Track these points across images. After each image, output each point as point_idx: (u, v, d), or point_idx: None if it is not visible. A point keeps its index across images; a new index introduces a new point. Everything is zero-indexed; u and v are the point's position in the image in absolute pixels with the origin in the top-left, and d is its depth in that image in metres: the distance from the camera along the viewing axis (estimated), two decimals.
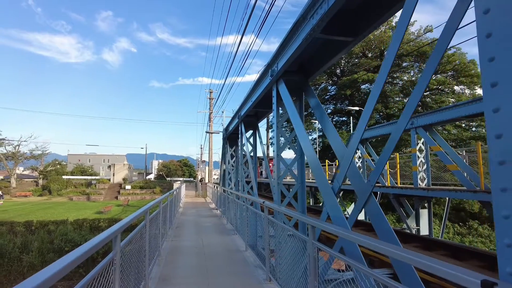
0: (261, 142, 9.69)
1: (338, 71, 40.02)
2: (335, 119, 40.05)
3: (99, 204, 37.09)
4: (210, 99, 29.42)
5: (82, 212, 29.78)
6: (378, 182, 12.75)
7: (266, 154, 10.03)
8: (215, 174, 45.99)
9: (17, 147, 52.62)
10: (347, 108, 27.98)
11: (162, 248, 6.95)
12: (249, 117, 9.75)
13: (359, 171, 3.56)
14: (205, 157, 46.05)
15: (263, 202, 5.29)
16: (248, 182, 12.08)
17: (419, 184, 11.72)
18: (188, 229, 9.95)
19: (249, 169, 9.04)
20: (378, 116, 37.29)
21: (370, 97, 3.18)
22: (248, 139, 10.03)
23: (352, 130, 34.36)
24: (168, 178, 61.51)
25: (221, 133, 16.15)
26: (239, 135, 10.65)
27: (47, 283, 1.39)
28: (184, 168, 73.87)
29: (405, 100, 36.63)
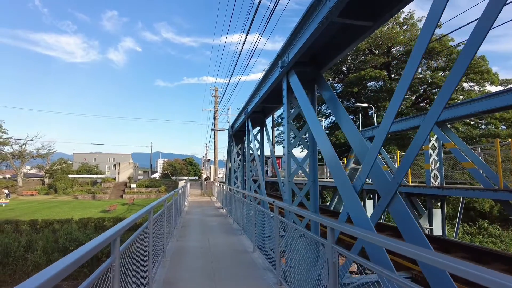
0: (269, 139, 9.37)
1: (345, 69, 39.49)
2: None
3: (104, 203, 37.10)
4: (215, 97, 29.17)
5: (87, 211, 29.77)
6: None
7: (273, 152, 9.74)
8: (220, 173, 45.87)
9: (24, 146, 53.04)
10: (356, 105, 27.47)
11: (167, 249, 6.72)
12: (256, 113, 9.45)
13: (381, 168, 3.23)
14: (210, 156, 45.91)
15: (274, 201, 4.97)
16: (255, 181, 11.79)
17: (432, 183, 11.32)
18: (194, 229, 9.71)
19: (257, 167, 8.73)
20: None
21: (400, 86, 2.86)
22: (255, 136, 9.72)
23: (361, 127, 33.92)
24: (173, 177, 61.49)
25: (227, 131, 15.87)
26: (246, 132, 10.35)
27: None
28: (189, 167, 73.82)
29: (413, 98, 36.03)
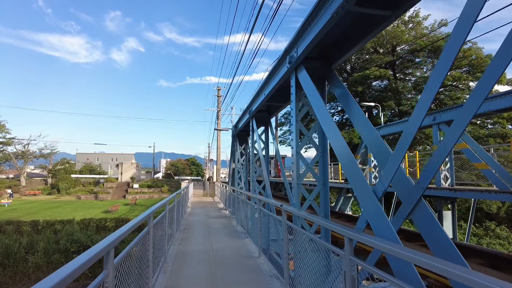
0: (274, 139, 9.06)
1: (349, 68, 39.08)
2: (345, 117, 39.11)
3: (107, 203, 36.95)
4: (218, 97, 28.90)
5: (90, 211, 29.61)
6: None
7: (278, 152, 9.41)
8: (223, 173, 45.62)
9: (27, 146, 53.06)
10: (362, 104, 27.07)
11: (169, 253, 6.44)
12: (261, 113, 9.15)
13: (404, 171, 2.92)
14: (213, 156, 45.67)
15: (281, 205, 4.67)
16: (259, 182, 11.48)
17: (442, 184, 10.96)
18: (197, 231, 9.44)
19: (262, 167, 8.43)
20: (390, 114, 36.22)
21: (434, 77, 2.56)
22: (260, 136, 9.42)
23: None
24: (176, 177, 61.34)
25: (230, 131, 15.58)
26: (250, 132, 10.06)
27: None
28: (192, 167, 73.65)
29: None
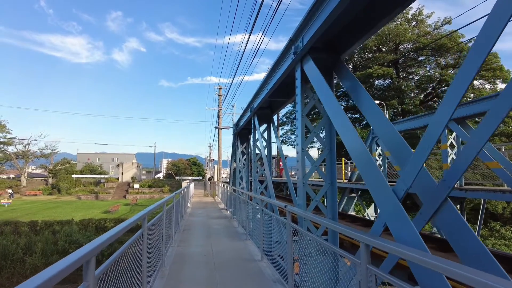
0: (277, 137, 8.73)
1: (351, 66, 38.73)
2: (348, 116, 38.77)
3: (107, 203, 36.70)
4: (219, 96, 28.60)
5: (90, 212, 29.35)
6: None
7: (281, 150, 9.12)
8: (224, 173, 45.33)
9: (27, 146, 52.91)
10: None
11: (167, 256, 6.11)
12: (263, 109, 8.81)
13: (426, 169, 2.59)
14: (214, 156, 45.38)
15: (286, 206, 4.34)
16: (261, 182, 11.15)
17: None
18: (196, 233, 9.13)
19: (265, 166, 8.09)
20: (392, 113, 35.82)
21: (463, 70, 2.24)
22: (262, 134, 9.09)
23: (363, 127, 33.16)
24: (177, 177, 61.08)
25: (231, 129, 15.26)
26: (252, 130, 9.72)
27: None
28: (193, 167, 73.42)
29: (421, 96, 35.15)
